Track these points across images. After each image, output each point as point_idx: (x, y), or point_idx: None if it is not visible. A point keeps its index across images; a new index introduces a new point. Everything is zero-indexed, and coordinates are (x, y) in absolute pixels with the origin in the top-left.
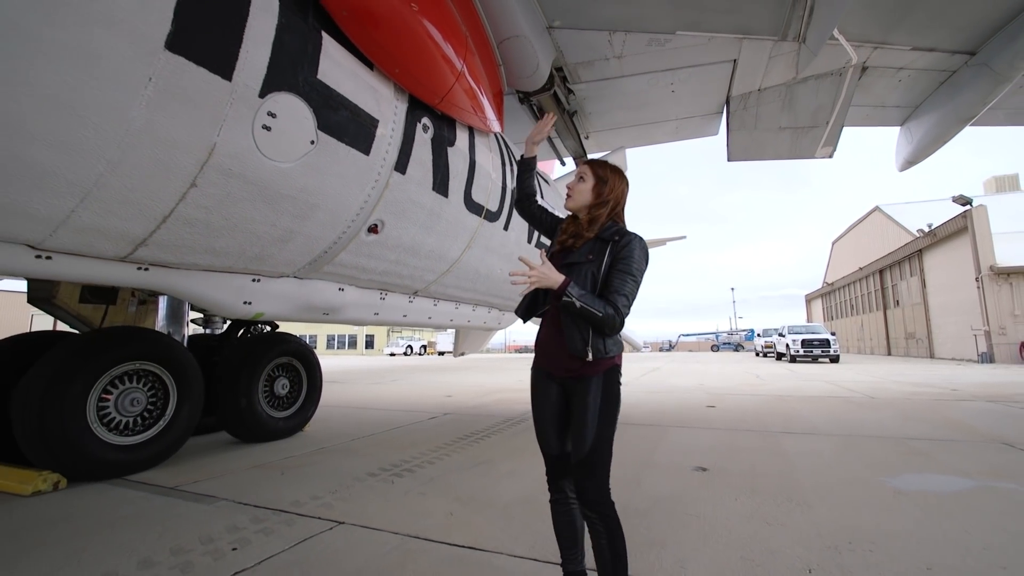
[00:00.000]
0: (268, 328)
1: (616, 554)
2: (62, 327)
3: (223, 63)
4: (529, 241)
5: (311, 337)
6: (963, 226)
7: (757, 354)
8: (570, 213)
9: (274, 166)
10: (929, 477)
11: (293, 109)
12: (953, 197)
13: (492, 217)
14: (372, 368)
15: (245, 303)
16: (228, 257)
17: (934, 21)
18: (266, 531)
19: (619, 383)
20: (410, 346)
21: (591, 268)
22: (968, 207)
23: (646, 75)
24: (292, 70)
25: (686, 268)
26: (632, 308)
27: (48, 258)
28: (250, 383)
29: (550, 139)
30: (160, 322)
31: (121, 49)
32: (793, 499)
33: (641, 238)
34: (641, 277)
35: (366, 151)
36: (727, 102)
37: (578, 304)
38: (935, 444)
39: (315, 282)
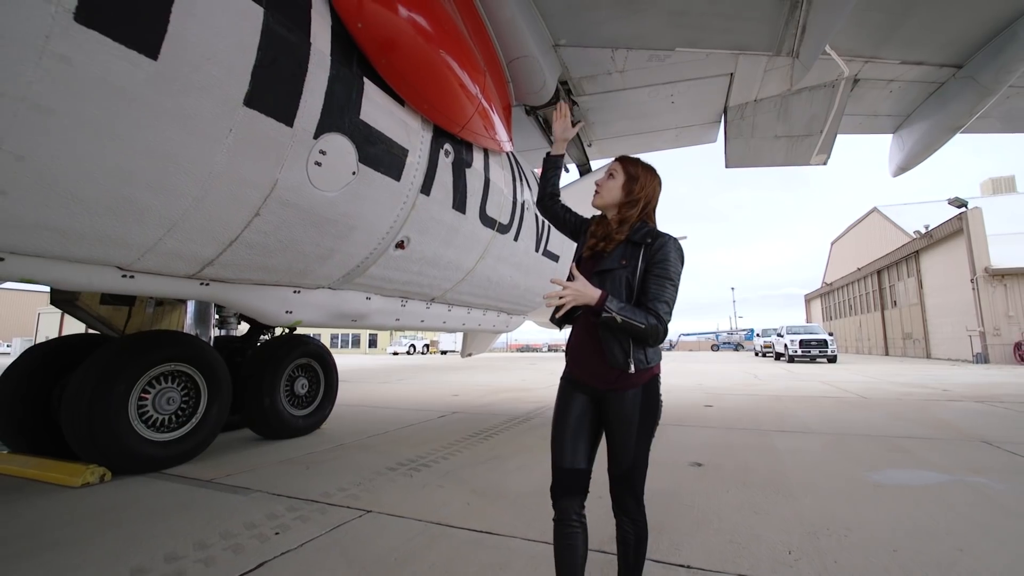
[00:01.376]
0: (287, 331)
1: (639, 556)
2: (67, 328)
3: (287, 113)
4: (536, 250)
5: (314, 335)
6: (959, 228)
7: (756, 354)
8: (597, 214)
9: (322, 195)
10: (908, 472)
11: (340, 146)
12: (949, 200)
13: (504, 230)
14: (377, 367)
15: (287, 312)
16: (277, 273)
17: (921, 37)
18: (303, 518)
19: (659, 394)
20: (413, 345)
21: (625, 274)
22: (963, 209)
23: (647, 88)
24: (340, 114)
25: (686, 267)
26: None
27: (131, 277)
28: (273, 383)
29: (549, 140)
30: (188, 325)
31: (211, 108)
32: (780, 491)
33: (676, 239)
34: (679, 281)
35: (397, 178)
36: (725, 112)
37: (619, 319)
38: (919, 442)
39: (346, 292)
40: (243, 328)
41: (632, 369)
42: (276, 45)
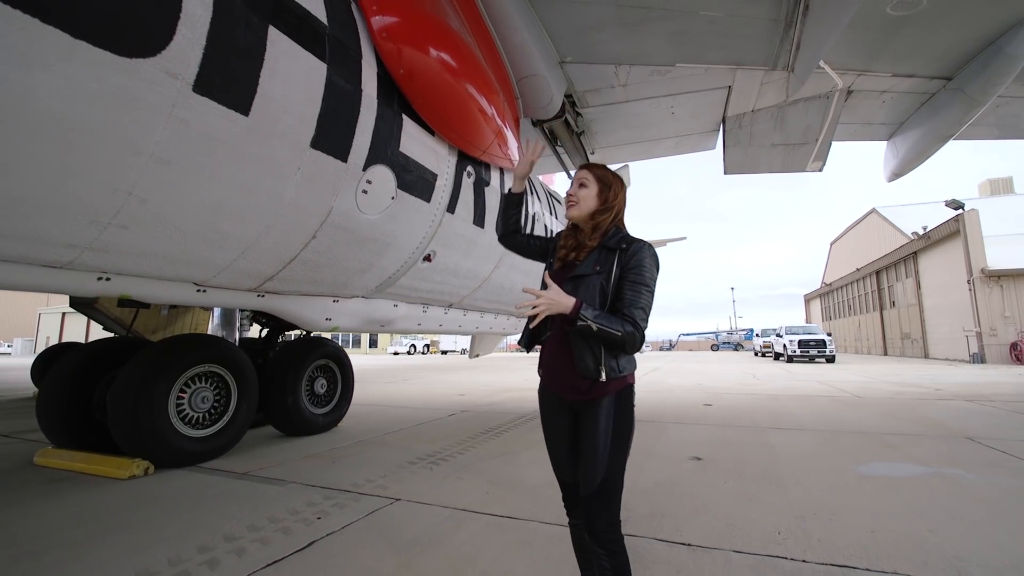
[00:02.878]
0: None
1: None
2: (68, 329)
3: (342, 150)
4: None
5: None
6: (956, 230)
7: (756, 354)
8: (567, 226)
9: (366, 219)
10: (892, 465)
11: (383, 176)
12: (946, 202)
13: None
14: (380, 367)
15: (327, 319)
16: (322, 285)
17: (911, 52)
18: (339, 505)
19: (633, 405)
20: (413, 345)
21: (600, 279)
22: (960, 211)
23: (648, 100)
24: (384, 148)
25: (686, 267)
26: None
27: (204, 291)
28: (295, 383)
29: (557, 153)
30: (215, 327)
31: (285, 151)
32: (773, 483)
33: (650, 244)
34: (655, 286)
35: (427, 199)
36: (723, 121)
37: (595, 327)
38: (905, 438)
39: (377, 300)
40: (254, 330)
41: (603, 377)
42: (336, 95)
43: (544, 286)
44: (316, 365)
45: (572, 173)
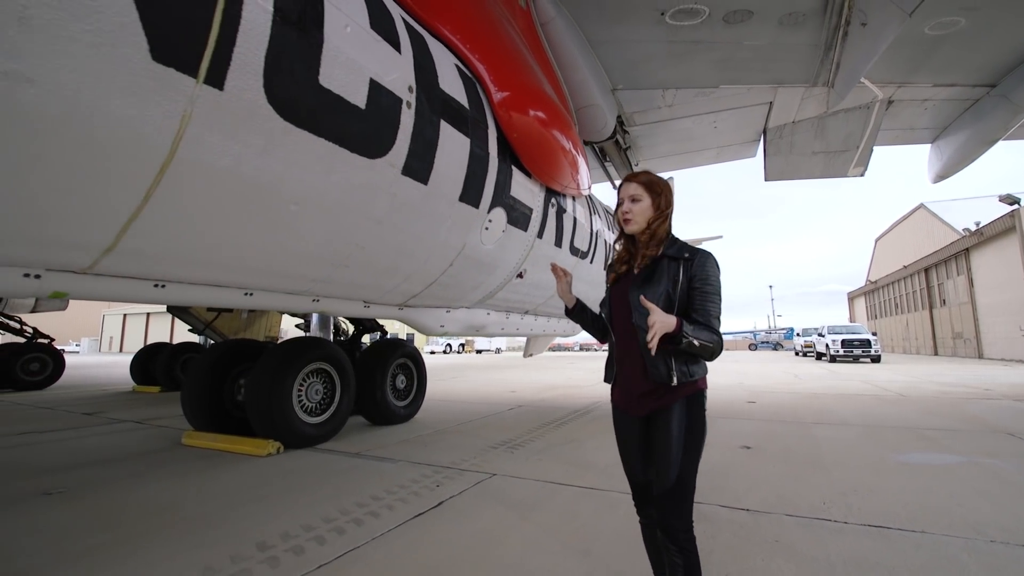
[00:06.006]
0: (379, 335)
1: None
2: (129, 330)
3: (476, 200)
4: (605, 268)
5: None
6: (1011, 225)
7: (797, 354)
8: (617, 239)
9: (485, 249)
10: (930, 455)
11: (499, 215)
12: (1000, 196)
13: (584, 256)
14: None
15: (440, 326)
16: (443, 300)
17: (952, 64)
18: (448, 478)
19: (704, 410)
20: (449, 344)
21: (666, 288)
22: (1016, 207)
23: (692, 117)
24: (501, 194)
25: (722, 264)
26: None
27: (368, 307)
28: (383, 379)
29: (604, 166)
30: (313, 330)
31: (443, 206)
32: (817, 467)
33: (712, 253)
34: (721, 292)
35: (525, 229)
36: (764, 132)
37: (697, 343)
38: (946, 433)
39: (475, 310)
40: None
41: (675, 382)
42: (475, 160)
43: (610, 303)
44: (397, 363)
45: (616, 184)
